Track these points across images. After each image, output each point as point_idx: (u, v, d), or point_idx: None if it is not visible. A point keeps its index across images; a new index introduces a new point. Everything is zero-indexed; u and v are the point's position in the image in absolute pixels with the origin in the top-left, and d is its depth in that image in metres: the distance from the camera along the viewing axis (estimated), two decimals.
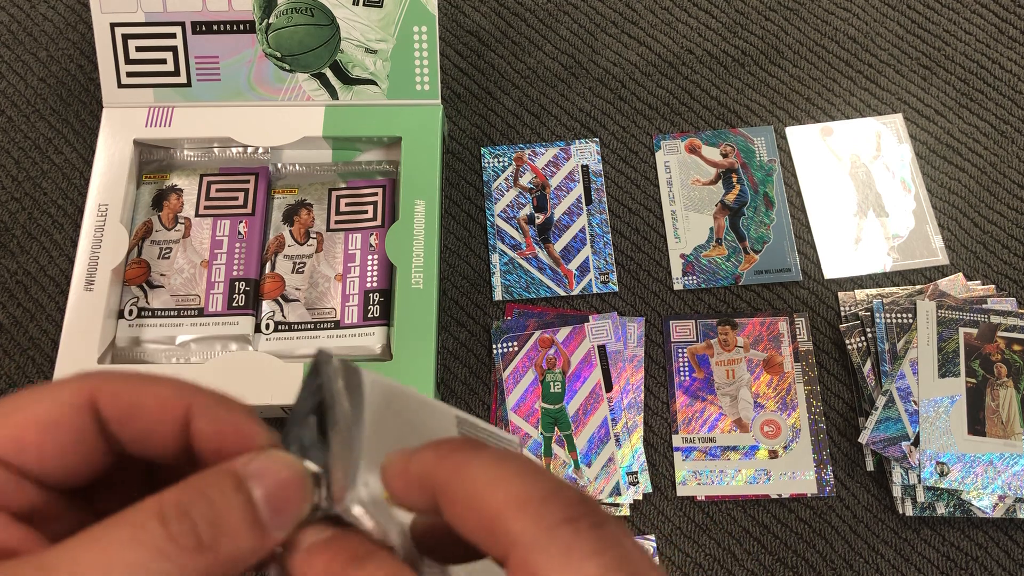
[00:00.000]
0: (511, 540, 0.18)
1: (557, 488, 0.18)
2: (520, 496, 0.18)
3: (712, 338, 0.60)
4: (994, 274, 0.62)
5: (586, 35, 0.69)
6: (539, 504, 0.18)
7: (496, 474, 0.19)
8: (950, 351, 0.57)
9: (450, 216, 0.64)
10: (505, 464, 0.19)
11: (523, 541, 0.17)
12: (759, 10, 0.70)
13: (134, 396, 0.20)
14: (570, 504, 0.18)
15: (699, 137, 0.66)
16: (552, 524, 0.17)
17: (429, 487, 0.19)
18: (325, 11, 0.58)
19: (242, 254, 0.57)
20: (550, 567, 0.17)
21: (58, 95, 0.67)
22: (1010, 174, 0.65)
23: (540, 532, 0.17)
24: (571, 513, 0.18)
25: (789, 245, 0.63)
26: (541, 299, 0.62)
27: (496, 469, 0.19)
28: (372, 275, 0.57)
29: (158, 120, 0.59)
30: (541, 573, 0.17)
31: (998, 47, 0.68)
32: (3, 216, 0.63)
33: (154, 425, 0.20)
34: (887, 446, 0.55)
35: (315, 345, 0.55)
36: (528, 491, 0.18)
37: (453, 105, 0.67)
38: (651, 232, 0.63)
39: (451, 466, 0.19)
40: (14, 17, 0.70)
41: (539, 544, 0.17)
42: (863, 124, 0.66)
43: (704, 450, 0.57)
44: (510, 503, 0.18)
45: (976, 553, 0.55)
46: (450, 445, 0.20)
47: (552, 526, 0.17)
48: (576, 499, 0.18)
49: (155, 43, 0.58)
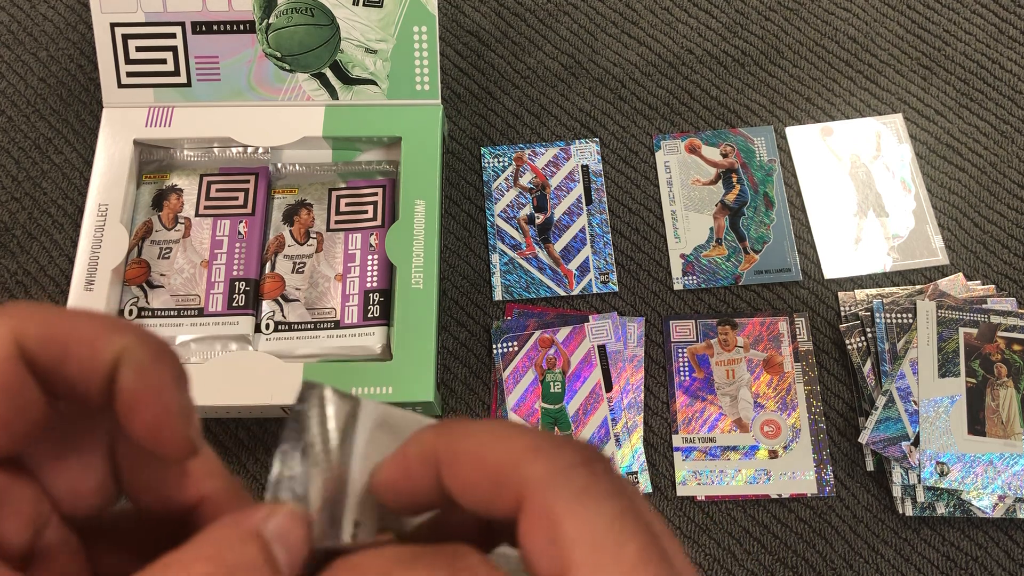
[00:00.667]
0: (524, 484, 0.17)
1: (567, 438, 0.18)
2: (531, 444, 0.18)
3: (712, 338, 0.60)
4: (994, 274, 0.62)
5: (586, 35, 0.69)
6: (552, 449, 0.18)
7: (503, 431, 0.18)
8: (950, 351, 0.57)
9: (450, 216, 0.64)
10: (509, 424, 0.19)
11: (538, 483, 0.17)
12: (759, 10, 0.70)
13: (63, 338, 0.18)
14: (582, 449, 0.18)
15: (699, 137, 0.66)
16: (567, 465, 0.17)
17: (431, 461, 0.19)
18: (325, 11, 0.58)
19: (242, 254, 0.57)
20: (567, 505, 0.17)
21: (58, 95, 0.67)
22: (1010, 174, 0.65)
23: (556, 473, 0.17)
24: (585, 456, 0.17)
25: (789, 245, 0.63)
26: (541, 299, 0.62)
27: (502, 427, 0.19)
28: (372, 275, 0.57)
29: (158, 120, 0.59)
30: (559, 512, 0.17)
31: (998, 47, 0.68)
32: (3, 216, 0.63)
33: (82, 372, 0.18)
34: (887, 446, 0.55)
35: (315, 345, 0.55)
36: (538, 440, 0.18)
37: (453, 105, 0.67)
38: (651, 232, 0.63)
39: (452, 433, 0.19)
40: (14, 17, 0.70)
41: (556, 484, 0.17)
42: (863, 124, 0.66)
43: (704, 450, 0.57)
44: (522, 451, 0.18)
45: (976, 553, 0.55)
46: (448, 421, 0.20)
47: (567, 467, 0.17)
48: (587, 446, 0.18)
49: (155, 43, 0.58)
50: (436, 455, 0.19)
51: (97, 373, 0.18)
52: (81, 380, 0.18)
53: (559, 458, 0.17)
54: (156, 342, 0.19)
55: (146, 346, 0.19)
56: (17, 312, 0.18)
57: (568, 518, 0.17)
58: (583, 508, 0.17)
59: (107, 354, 0.18)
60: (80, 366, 0.18)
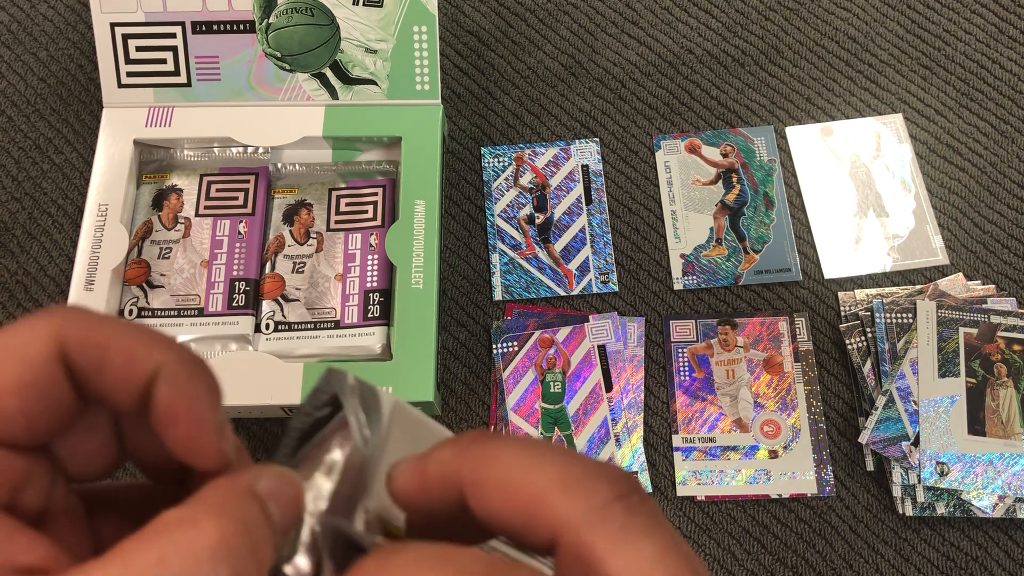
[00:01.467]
0: (559, 522, 0.17)
1: (599, 467, 0.17)
2: (562, 477, 0.17)
3: (712, 338, 0.60)
4: (994, 274, 0.62)
5: (586, 35, 0.69)
6: (586, 483, 0.17)
7: (531, 458, 0.18)
8: (950, 351, 0.57)
9: (450, 216, 0.64)
10: (537, 448, 0.18)
11: (573, 522, 0.17)
12: (759, 10, 0.70)
13: (103, 347, 0.19)
14: (617, 481, 0.17)
15: (699, 137, 0.66)
16: (603, 503, 0.17)
17: (452, 483, 0.19)
18: (325, 11, 0.58)
19: (242, 254, 0.57)
20: (608, 545, 0.16)
21: (58, 95, 0.67)
22: (1010, 174, 0.65)
23: (591, 511, 0.17)
24: (620, 490, 0.17)
25: (789, 245, 0.63)
26: (541, 299, 0.62)
27: (530, 454, 0.18)
28: (372, 275, 0.57)
29: (158, 120, 0.59)
30: (598, 552, 0.16)
31: (998, 47, 0.68)
32: (3, 216, 0.63)
33: (119, 382, 0.19)
34: (887, 446, 0.55)
35: (315, 345, 0.55)
36: (570, 472, 0.17)
37: (453, 105, 0.67)
38: (651, 232, 0.63)
39: (476, 456, 0.18)
40: (14, 17, 0.70)
41: (591, 523, 0.16)
42: (863, 124, 0.66)
43: (704, 450, 0.57)
44: (553, 485, 0.17)
45: (976, 553, 0.55)
46: (468, 438, 0.19)
47: (603, 504, 0.17)
48: (621, 475, 0.17)
49: (155, 43, 0.58)
50: (459, 478, 0.18)
51: (133, 384, 0.19)
52: (116, 389, 0.19)
53: (594, 494, 0.17)
54: (193, 358, 0.19)
55: (183, 362, 0.19)
56: (62, 314, 0.18)
57: (611, 559, 0.16)
58: (626, 547, 0.16)
59: (145, 367, 0.19)
60: (117, 375, 0.19)
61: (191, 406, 0.19)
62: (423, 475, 0.19)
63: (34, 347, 0.18)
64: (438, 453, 0.19)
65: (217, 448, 0.19)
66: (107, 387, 0.19)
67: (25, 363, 0.18)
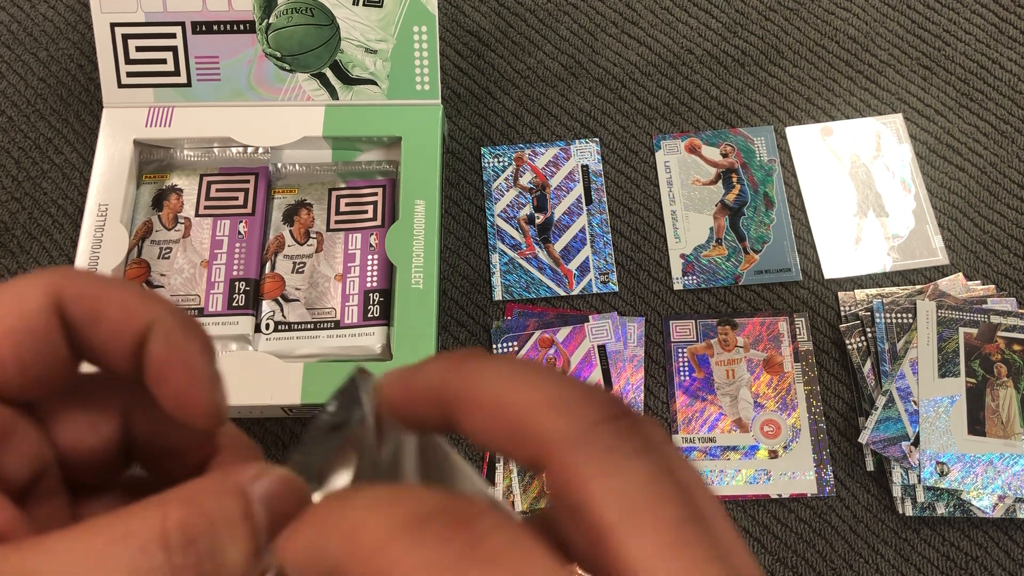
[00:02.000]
0: (545, 441, 0.16)
1: (591, 389, 0.17)
2: (552, 396, 0.17)
3: (712, 338, 0.60)
4: (994, 274, 0.62)
5: (586, 35, 0.69)
6: (575, 403, 0.16)
7: (521, 377, 0.17)
8: (950, 351, 0.57)
9: (450, 216, 0.64)
10: (529, 367, 0.17)
11: (560, 441, 0.16)
12: (759, 10, 0.70)
13: (99, 300, 0.19)
14: (608, 403, 0.17)
15: (699, 137, 0.66)
16: (591, 423, 0.16)
17: (439, 398, 0.18)
18: (325, 11, 0.58)
19: (242, 254, 0.57)
20: (594, 467, 0.16)
21: (58, 95, 0.67)
22: (1010, 174, 0.65)
23: (579, 431, 0.16)
24: (610, 412, 0.16)
25: (789, 245, 0.63)
26: (541, 299, 0.62)
27: (521, 372, 0.17)
28: (372, 275, 0.57)
29: (158, 120, 0.59)
30: (583, 473, 0.16)
31: (998, 47, 0.68)
32: (3, 216, 0.63)
33: (113, 335, 0.19)
34: (887, 446, 0.55)
35: (315, 345, 0.55)
36: (560, 392, 0.17)
37: (453, 105, 0.67)
38: (651, 232, 0.63)
39: (466, 372, 0.18)
40: (14, 17, 0.70)
41: (580, 443, 0.16)
42: (863, 124, 0.66)
43: (704, 450, 0.57)
44: (542, 403, 0.16)
45: (976, 553, 0.55)
46: (460, 354, 0.18)
47: (592, 424, 0.16)
48: (613, 399, 0.17)
49: (155, 43, 0.58)
50: (445, 394, 0.18)
51: (127, 338, 0.19)
52: (111, 342, 0.19)
53: (583, 415, 0.16)
54: (185, 315, 0.19)
55: (177, 316, 0.19)
56: (59, 270, 0.19)
57: (597, 481, 0.15)
58: (612, 470, 0.15)
59: (139, 321, 0.19)
60: (111, 329, 0.19)
61: (184, 358, 0.19)
62: (411, 387, 0.19)
63: (30, 297, 0.18)
64: (427, 366, 0.19)
65: (210, 400, 0.19)
66: (101, 340, 0.19)
67: (20, 311, 0.18)
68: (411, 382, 0.19)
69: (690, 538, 0.15)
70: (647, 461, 0.16)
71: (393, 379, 0.19)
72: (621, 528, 0.15)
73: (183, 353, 0.19)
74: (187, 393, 0.19)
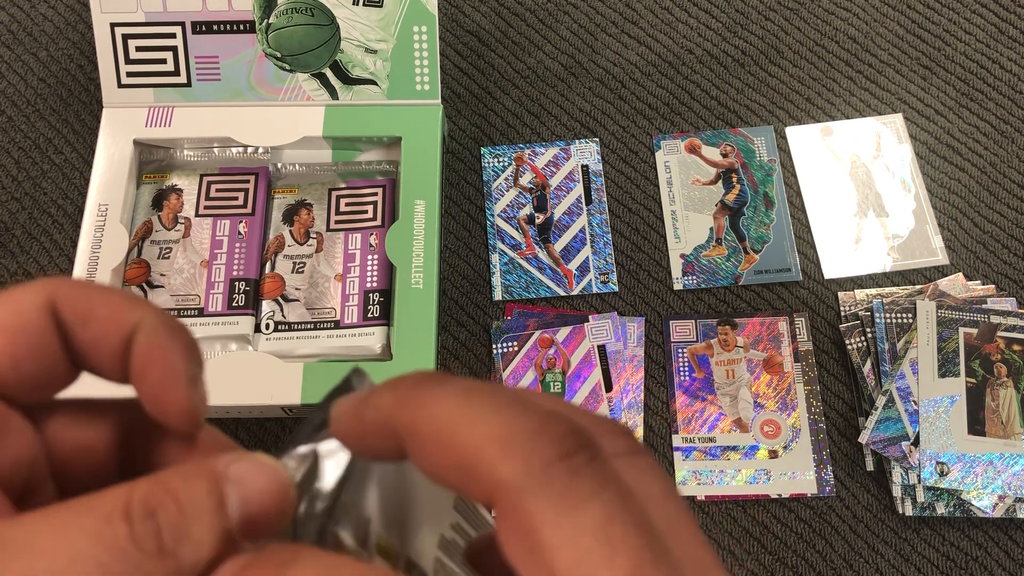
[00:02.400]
0: (496, 484, 0.16)
1: (543, 421, 0.16)
2: (502, 433, 0.16)
3: (712, 338, 0.60)
4: (994, 274, 0.62)
5: (586, 35, 0.69)
6: (525, 441, 0.16)
7: (470, 410, 0.16)
8: (950, 351, 0.57)
9: (450, 216, 0.64)
10: (479, 397, 0.17)
11: (511, 485, 0.15)
12: (759, 10, 0.70)
13: (89, 301, 0.20)
14: (561, 439, 0.16)
15: (699, 137, 0.66)
16: (543, 464, 0.15)
17: (390, 432, 0.17)
18: (325, 11, 0.58)
19: (242, 254, 0.57)
20: (546, 513, 0.15)
21: (58, 95, 0.67)
22: (1010, 174, 0.65)
23: (529, 474, 0.15)
24: (564, 449, 0.16)
25: (789, 245, 0.63)
26: (541, 299, 0.62)
27: (469, 404, 0.16)
28: (372, 275, 0.57)
29: (158, 120, 0.59)
30: (536, 520, 0.15)
31: (998, 47, 0.68)
32: (3, 216, 0.63)
33: (103, 335, 0.20)
34: (887, 446, 0.55)
35: (315, 345, 0.55)
36: (510, 427, 0.16)
37: (453, 105, 0.67)
38: (651, 232, 0.63)
39: (414, 406, 0.17)
40: (14, 17, 0.70)
41: (531, 488, 0.15)
42: (863, 124, 0.66)
43: (704, 450, 0.57)
44: (491, 442, 0.16)
45: (976, 553, 0.55)
46: (410, 381, 0.18)
47: (543, 467, 0.15)
48: (566, 432, 0.16)
49: (155, 43, 0.58)
50: (395, 426, 0.17)
51: (114, 338, 0.19)
52: (100, 342, 0.20)
53: (534, 454, 0.15)
54: (171, 318, 0.20)
55: (162, 318, 0.20)
56: (54, 278, 0.20)
57: (548, 528, 0.15)
58: (564, 516, 0.15)
59: (126, 321, 0.19)
60: (100, 329, 0.19)
61: (164, 356, 0.19)
62: (361, 420, 0.18)
63: (25, 298, 0.19)
64: (376, 397, 0.18)
65: (186, 400, 0.19)
66: (91, 340, 0.20)
67: (15, 309, 0.19)
68: (361, 415, 0.18)
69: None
70: (601, 502, 0.15)
71: (344, 411, 0.19)
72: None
73: (163, 351, 0.19)
74: (164, 391, 0.19)
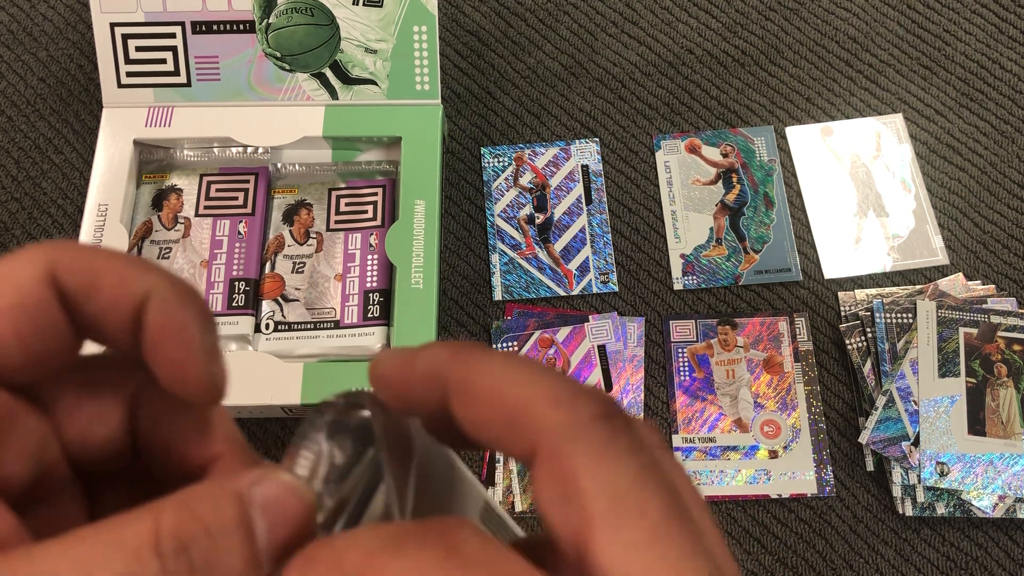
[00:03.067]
0: (540, 432, 0.17)
1: (588, 388, 0.17)
2: (550, 391, 0.17)
3: (712, 338, 0.60)
4: (994, 274, 0.62)
5: (586, 35, 0.69)
6: (570, 399, 0.17)
7: (520, 371, 0.17)
8: (950, 351, 0.57)
9: (450, 216, 0.64)
10: (528, 363, 0.18)
11: (555, 433, 0.16)
12: (759, 10, 0.70)
13: (94, 270, 0.18)
14: (602, 402, 0.17)
15: (699, 137, 0.66)
16: (586, 418, 0.17)
17: (437, 381, 0.18)
18: (325, 11, 0.58)
19: (242, 254, 0.57)
20: (586, 460, 0.16)
21: (58, 95, 0.67)
22: (1010, 174, 0.65)
23: (574, 425, 0.16)
24: (604, 410, 0.17)
25: (789, 245, 0.63)
26: (541, 299, 0.62)
27: (521, 367, 0.18)
28: (372, 275, 0.57)
29: (158, 120, 0.59)
30: (576, 465, 0.16)
31: (998, 47, 0.68)
32: (3, 216, 0.63)
33: (110, 306, 0.18)
34: (887, 446, 0.55)
35: (315, 345, 0.55)
36: (558, 388, 0.17)
37: (453, 105, 0.67)
38: (651, 232, 0.63)
39: (467, 360, 0.18)
40: (14, 17, 0.70)
41: (573, 436, 0.16)
42: (863, 124, 0.66)
43: (704, 450, 0.57)
44: (540, 397, 0.17)
45: (976, 553, 0.55)
46: (461, 344, 0.19)
47: (586, 420, 0.16)
48: (609, 399, 0.17)
49: (155, 43, 0.58)
50: (446, 379, 0.18)
51: (125, 308, 0.18)
52: (108, 313, 0.18)
53: (579, 410, 0.17)
54: (184, 283, 0.19)
55: (174, 285, 0.19)
56: (51, 244, 0.18)
57: (587, 473, 0.16)
58: (603, 463, 0.16)
59: (136, 290, 0.18)
60: (108, 298, 0.18)
61: (179, 327, 0.18)
62: (410, 367, 0.19)
63: (23, 271, 0.18)
64: (429, 349, 0.19)
65: (206, 371, 0.19)
66: (99, 311, 0.18)
67: (14, 286, 0.18)
68: (411, 362, 0.19)
69: (674, 532, 0.15)
70: (638, 459, 0.16)
71: (392, 357, 0.19)
72: (606, 519, 0.15)
73: (178, 322, 0.18)
74: (182, 363, 0.19)
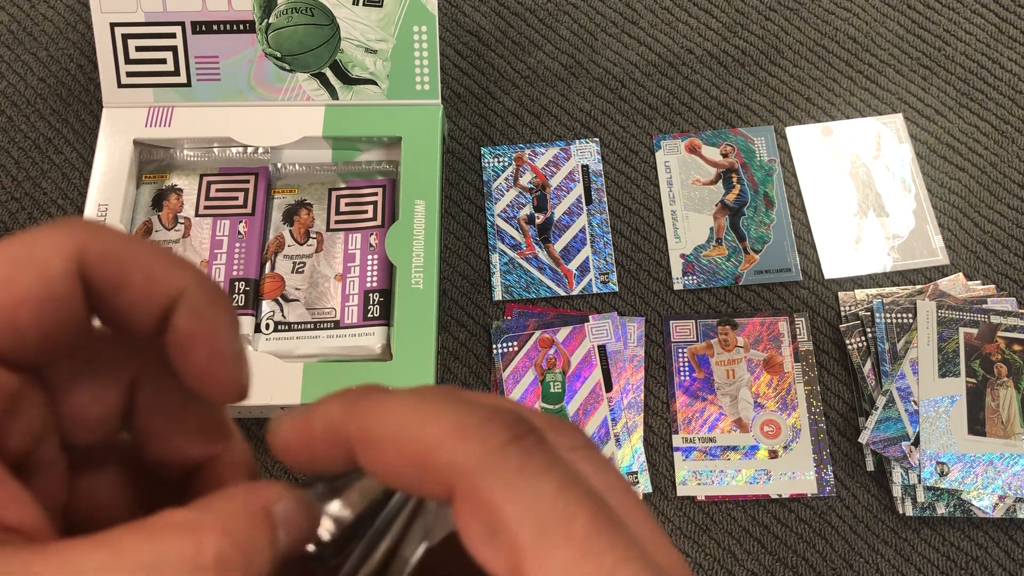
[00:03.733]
0: (454, 471, 0.16)
1: (492, 411, 0.17)
2: (455, 425, 0.17)
3: (712, 338, 0.60)
4: (994, 274, 0.62)
5: (586, 35, 0.69)
6: (477, 428, 0.16)
7: (422, 409, 0.17)
8: (950, 351, 0.57)
9: (450, 216, 0.64)
10: (428, 398, 0.17)
11: (469, 468, 0.16)
12: (759, 10, 0.70)
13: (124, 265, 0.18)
14: (511, 424, 0.17)
15: (699, 137, 0.66)
16: (497, 445, 0.16)
17: (338, 437, 0.18)
18: (325, 11, 0.58)
19: (242, 254, 0.57)
20: (504, 490, 0.16)
21: (58, 95, 0.67)
22: (1010, 174, 0.65)
23: (486, 455, 0.16)
24: (515, 432, 0.16)
25: (789, 245, 0.63)
26: (541, 299, 0.62)
27: (420, 404, 0.17)
28: (372, 275, 0.57)
29: (158, 120, 0.59)
30: (495, 498, 0.16)
31: (998, 47, 0.68)
32: (3, 216, 0.63)
33: (137, 304, 0.18)
34: (887, 446, 0.55)
35: (315, 345, 0.55)
36: (463, 419, 0.17)
37: (453, 105, 0.67)
38: (651, 232, 0.63)
39: (366, 410, 0.18)
40: (14, 17, 0.70)
41: (487, 467, 0.16)
42: (863, 124, 0.66)
43: (704, 450, 0.57)
44: (447, 433, 0.17)
45: (976, 553, 0.55)
46: (356, 392, 0.18)
47: (496, 448, 0.16)
48: (514, 419, 0.17)
49: (155, 43, 0.58)
50: (346, 433, 0.18)
51: (152, 307, 0.18)
52: (134, 310, 0.18)
53: (487, 439, 0.16)
54: (214, 285, 0.19)
55: (205, 288, 0.19)
56: (84, 227, 0.18)
57: (507, 502, 0.16)
58: (521, 489, 0.16)
59: (166, 290, 0.18)
60: (136, 295, 0.18)
61: (212, 334, 0.18)
62: (307, 430, 0.18)
63: (54, 260, 0.17)
64: (323, 407, 0.18)
65: (235, 377, 0.19)
66: (124, 308, 0.18)
67: (42, 276, 0.17)
68: (308, 423, 0.18)
69: (604, 545, 0.15)
70: (554, 475, 0.16)
71: (287, 422, 0.19)
72: (536, 545, 0.15)
73: (209, 328, 0.18)
74: (211, 370, 0.19)
